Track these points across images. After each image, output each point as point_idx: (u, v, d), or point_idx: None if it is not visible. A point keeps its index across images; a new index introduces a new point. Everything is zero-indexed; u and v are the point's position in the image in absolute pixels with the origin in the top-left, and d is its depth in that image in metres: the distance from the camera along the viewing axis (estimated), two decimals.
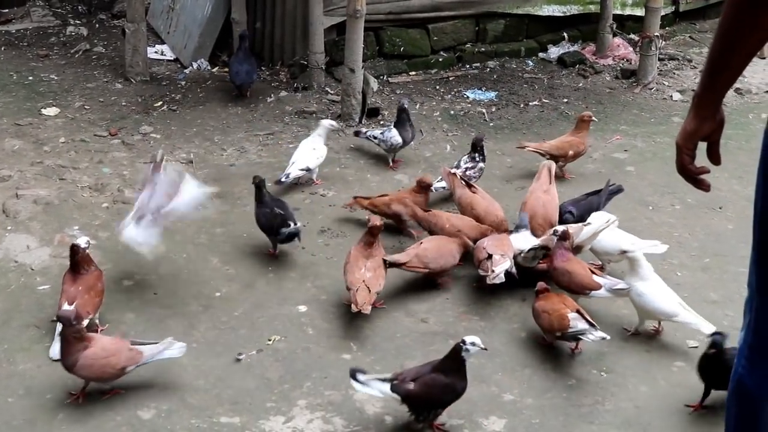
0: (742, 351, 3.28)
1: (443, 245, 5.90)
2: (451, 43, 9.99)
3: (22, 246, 6.18)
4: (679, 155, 3.24)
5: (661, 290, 5.37)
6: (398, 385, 4.51)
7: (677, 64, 10.13)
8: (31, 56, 9.87)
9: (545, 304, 5.23)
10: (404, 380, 4.52)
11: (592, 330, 5.02)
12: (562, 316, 5.10)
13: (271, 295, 5.78)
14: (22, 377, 4.94)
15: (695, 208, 7.02)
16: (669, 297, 5.35)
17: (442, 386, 4.52)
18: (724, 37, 2.99)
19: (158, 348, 4.83)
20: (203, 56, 9.70)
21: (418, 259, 5.75)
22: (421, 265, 5.76)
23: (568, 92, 9.34)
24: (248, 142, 7.95)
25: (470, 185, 6.49)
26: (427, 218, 6.24)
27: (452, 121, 8.55)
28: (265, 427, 4.66)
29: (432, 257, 5.78)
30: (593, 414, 4.83)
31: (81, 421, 4.63)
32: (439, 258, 5.81)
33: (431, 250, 5.82)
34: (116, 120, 8.30)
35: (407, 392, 4.49)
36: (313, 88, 8.99)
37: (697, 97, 3.15)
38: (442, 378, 4.52)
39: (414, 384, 4.50)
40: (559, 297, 5.26)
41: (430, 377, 4.52)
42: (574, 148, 7.27)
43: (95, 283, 5.28)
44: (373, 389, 4.56)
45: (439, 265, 5.81)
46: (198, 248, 6.28)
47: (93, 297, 5.22)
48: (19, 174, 7.13)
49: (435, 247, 5.86)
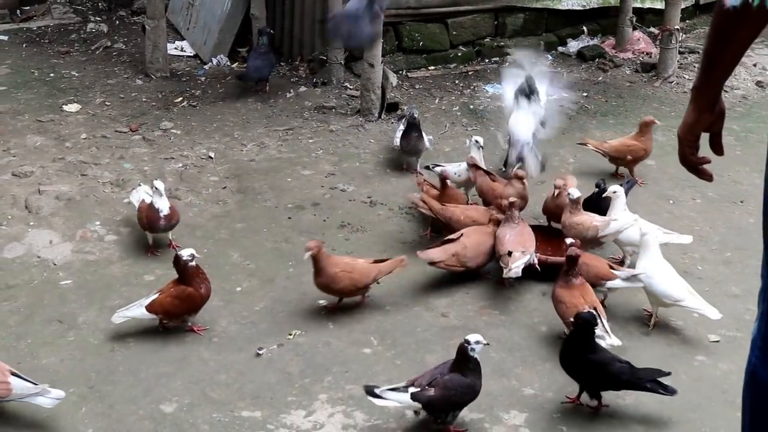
0: (755, 342, 3.27)
1: (483, 242, 5.86)
2: (470, 38, 9.97)
3: (45, 241, 6.23)
4: (681, 147, 3.36)
5: (669, 274, 5.41)
6: (419, 394, 4.46)
7: (698, 57, 10.06)
8: (52, 53, 9.93)
9: (565, 294, 5.19)
10: (422, 387, 4.48)
11: (604, 335, 4.99)
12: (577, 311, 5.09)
13: (291, 289, 5.80)
14: (45, 371, 4.97)
15: (716, 201, 6.99)
16: (677, 281, 5.39)
17: (462, 387, 4.49)
18: (714, 34, 3.11)
19: (31, 390, 4.53)
20: (223, 52, 9.73)
21: (456, 258, 5.75)
22: (458, 264, 5.77)
23: (587, 86, 9.31)
24: (268, 137, 7.97)
25: (490, 173, 6.52)
26: (443, 212, 6.23)
27: (471, 116, 8.54)
28: (286, 421, 4.68)
29: (471, 256, 5.78)
30: (614, 409, 4.82)
31: (104, 414, 4.66)
32: (477, 257, 5.81)
33: (471, 248, 5.81)
34: (137, 116, 8.34)
35: (429, 399, 4.45)
36: (333, 83, 9.00)
37: (695, 89, 3.25)
38: (461, 379, 4.50)
39: (434, 389, 4.46)
40: (581, 289, 5.25)
41: (449, 380, 4.48)
42: (633, 153, 7.11)
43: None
44: (392, 401, 4.50)
45: (477, 264, 5.83)
46: (218, 243, 6.31)
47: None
48: (42, 170, 7.18)
49: (474, 244, 5.84)
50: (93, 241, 6.26)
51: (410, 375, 4.94)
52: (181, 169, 7.30)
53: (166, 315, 5.24)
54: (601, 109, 8.76)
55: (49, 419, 4.62)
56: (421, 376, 4.56)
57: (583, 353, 4.73)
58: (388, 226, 6.51)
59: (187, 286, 5.20)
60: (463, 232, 5.90)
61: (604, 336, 4.98)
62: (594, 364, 4.71)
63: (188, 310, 5.25)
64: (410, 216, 6.67)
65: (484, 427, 4.68)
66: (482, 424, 4.69)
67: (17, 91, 8.82)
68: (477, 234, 5.91)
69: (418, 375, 4.61)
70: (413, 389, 4.47)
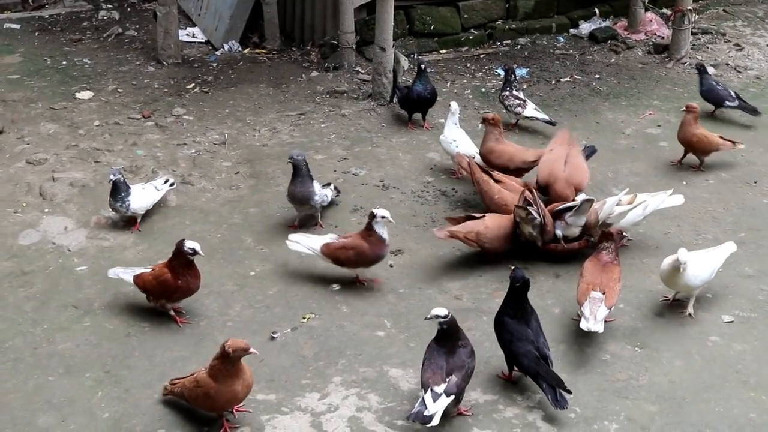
0: None
1: (505, 227, 5.90)
2: (482, 21, 9.94)
3: (60, 228, 6.26)
4: None
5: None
6: (449, 389, 4.46)
7: (711, 38, 10.02)
8: (65, 41, 9.96)
9: (590, 269, 5.26)
10: (444, 381, 4.47)
11: (586, 319, 5.01)
12: (585, 291, 5.13)
13: (304, 273, 5.82)
14: (61, 357, 5.02)
15: (729, 182, 6.97)
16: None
17: (469, 356, 4.60)
18: None
19: None
20: (234, 38, 9.73)
21: (477, 236, 5.79)
22: (475, 240, 5.81)
23: (599, 68, 9.27)
24: (280, 122, 7.98)
25: (488, 172, 6.41)
26: (480, 181, 6.24)
27: (483, 99, 8.52)
28: (300, 404, 4.71)
29: (490, 238, 5.83)
30: (627, 389, 4.83)
31: (120, 398, 4.70)
32: (495, 240, 5.84)
33: (492, 229, 5.85)
34: (149, 102, 8.36)
35: (457, 387, 4.49)
36: (344, 67, 8.99)
37: None
38: (463, 351, 4.59)
39: (455, 377, 4.49)
40: (607, 271, 5.23)
41: (461, 361, 4.54)
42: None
43: None
44: (439, 410, 4.44)
45: (493, 248, 5.86)
46: (232, 228, 6.33)
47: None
48: (55, 157, 7.22)
49: (496, 227, 5.87)
50: (107, 227, 6.29)
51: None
52: (194, 155, 7.32)
53: (145, 292, 5.31)
54: (613, 91, 8.72)
55: (66, 403, 4.67)
56: (430, 374, 4.50)
57: (501, 313, 4.83)
58: (401, 209, 6.51)
59: (168, 271, 5.22)
60: (487, 214, 5.97)
61: (583, 316, 5.02)
62: (504, 329, 4.79)
63: (162, 293, 5.27)
64: (423, 199, 6.67)
65: (498, 408, 4.70)
66: (496, 406, 4.71)
67: (30, 79, 8.86)
68: (501, 219, 5.95)
69: (427, 377, 4.52)
70: (442, 387, 4.45)
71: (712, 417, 4.66)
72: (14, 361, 4.98)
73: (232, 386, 4.38)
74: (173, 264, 5.23)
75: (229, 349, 4.31)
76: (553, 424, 4.60)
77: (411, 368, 4.94)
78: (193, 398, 4.48)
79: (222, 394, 4.39)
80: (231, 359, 4.33)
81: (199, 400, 4.45)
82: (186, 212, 6.50)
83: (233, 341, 4.34)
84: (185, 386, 4.52)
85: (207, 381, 4.39)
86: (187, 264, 5.22)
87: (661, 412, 4.68)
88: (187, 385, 4.51)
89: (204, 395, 4.41)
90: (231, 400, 4.45)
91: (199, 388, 4.43)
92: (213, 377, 4.38)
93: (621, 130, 7.83)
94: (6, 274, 5.75)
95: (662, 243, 6.14)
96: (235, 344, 4.32)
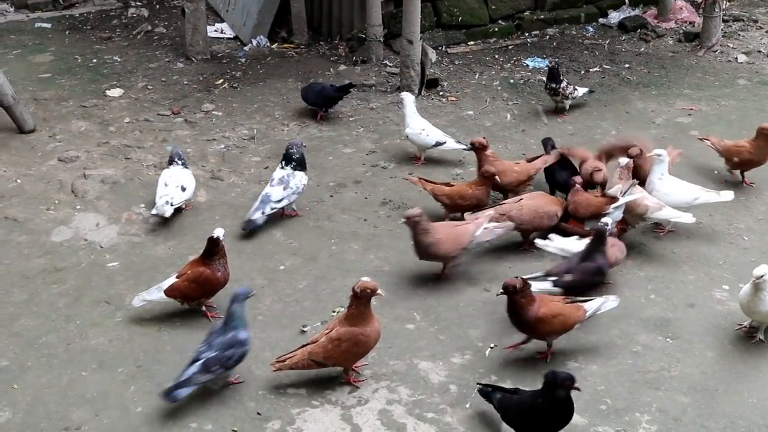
0: None
1: (542, 206, 5.96)
2: (510, 12, 9.91)
3: (91, 224, 6.32)
4: None
5: (679, 184, 6.09)
6: (558, 281, 5.18)
7: (742, 25, 9.91)
8: (95, 39, 10.03)
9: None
10: (560, 274, 5.20)
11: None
12: None
13: (334, 267, 5.84)
14: (94, 352, 5.07)
15: (761, 169, 6.87)
16: (687, 187, 6.10)
17: (594, 270, 5.26)
18: None
19: None
20: (262, 33, 9.76)
21: (511, 218, 5.84)
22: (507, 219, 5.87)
23: (629, 57, 9.20)
24: (308, 116, 7.99)
25: (449, 184, 6.34)
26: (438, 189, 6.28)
27: (512, 90, 8.49)
28: (331, 398, 4.72)
29: (527, 218, 5.88)
30: (659, 380, 4.80)
31: (152, 393, 4.73)
32: (533, 220, 5.90)
33: (527, 211, 5.89)
34: (178, 99, 8.41)
35: (567, 284, 5.12)
36: (372, 61, 9.00)
37: None
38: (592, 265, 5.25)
39: (572, 274, 5.19)
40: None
41: (582, 266, 5.25)
42: (740, 156, 6.69)
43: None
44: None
45: (532, 226, 5.93)
46: None
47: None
48: (86, 155, 7.28)
49: (533, 207, 5.91)
50: (138, 223, 6.34)
51: (454, 351, 4.99)
52: (224, 150, 7.36)
53: (184, 298, 5.31)
54: (643, 80, 8.66)
55: (99, 397, 4.71)
56: (556, 268, 5.28)
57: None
58: (430, 202, 6.49)
59: (204, 268, 5.23)
60: (525, 196, 6.05)
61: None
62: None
63: (205, 292, 5.29)
64: None
65: None
66: None
67: (61, 77, 8.93)
68: (539, 198, 6.03)
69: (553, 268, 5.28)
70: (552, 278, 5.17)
71: (745, 408, 4.62)
72: (48, 356, 5.04)
73: (375, 324, 4.70)
74: (208, 259, 5.26)
75: (359, 288, 4.60)
76: (584, 415, 4.58)
77: (441, 361, 4.94)
78: (340, 355, 4.68)
79: (372, 334, 4.70)
80: (362, 300, 4.63)
81: (350, 353, 4.69)
82: (216, 207, 6.53)
83: (362, 282, 4.65)
84: (323, 351, 4.67)
85: (351, 330, 4.65)
86: (222, 254, 5.28)
87: (693, 403, 4.65)
88: (327, 347, 4.66)
89: (354, 344, 4.66)
90: (377, 337, 4.76)
91: (345, 342, 4.65)
92: (355, 324, 4.65)
93: (651, 119, 7.77)
94: (39, 270, 5.82)
95: (694, 232, 6.09)
96: (363, 284, 4.63)
